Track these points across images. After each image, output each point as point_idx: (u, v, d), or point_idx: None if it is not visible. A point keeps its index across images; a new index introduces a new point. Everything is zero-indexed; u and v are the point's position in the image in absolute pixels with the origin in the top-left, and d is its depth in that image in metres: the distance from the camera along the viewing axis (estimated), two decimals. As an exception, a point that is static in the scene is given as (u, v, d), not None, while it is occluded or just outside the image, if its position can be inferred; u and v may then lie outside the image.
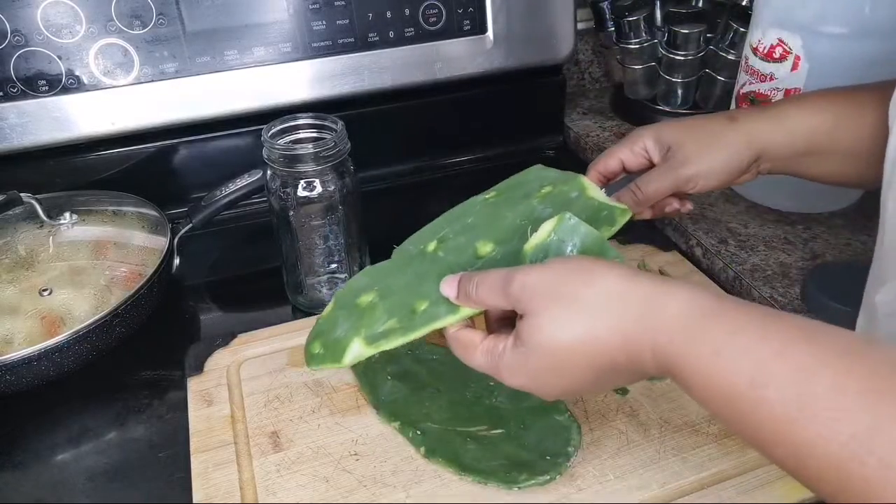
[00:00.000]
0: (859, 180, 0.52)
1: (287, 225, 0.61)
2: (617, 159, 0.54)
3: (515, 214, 0.46)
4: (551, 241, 0.41)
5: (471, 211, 0.49)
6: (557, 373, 0.38)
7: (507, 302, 0.39)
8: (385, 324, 0.44)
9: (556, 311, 0.36)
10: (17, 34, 0.66)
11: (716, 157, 0.51)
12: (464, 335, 0.42)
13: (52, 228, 0.63)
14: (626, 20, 0.87)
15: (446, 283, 0.42)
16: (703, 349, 0.33)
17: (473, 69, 0.82)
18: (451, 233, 0.48)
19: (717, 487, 0.46)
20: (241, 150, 0.79)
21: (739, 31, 0.80)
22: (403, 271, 0.47)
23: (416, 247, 0.49)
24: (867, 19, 0.60)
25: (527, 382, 0.39)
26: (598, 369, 0.37)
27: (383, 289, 0.46)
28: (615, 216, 0.45)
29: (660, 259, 0.67)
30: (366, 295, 0.46)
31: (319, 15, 0.74)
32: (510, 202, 0.48)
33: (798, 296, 0.61)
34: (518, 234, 0.45)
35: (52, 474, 0.52)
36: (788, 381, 0.30)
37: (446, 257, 0.46)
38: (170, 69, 0.72)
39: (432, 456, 0.48)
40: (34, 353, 0.52)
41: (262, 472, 0.48)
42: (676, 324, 0.34)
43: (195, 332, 0.66)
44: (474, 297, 0.40)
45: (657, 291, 0.35)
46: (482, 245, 0.45)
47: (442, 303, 0.42)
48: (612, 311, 0.36)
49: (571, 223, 0.41)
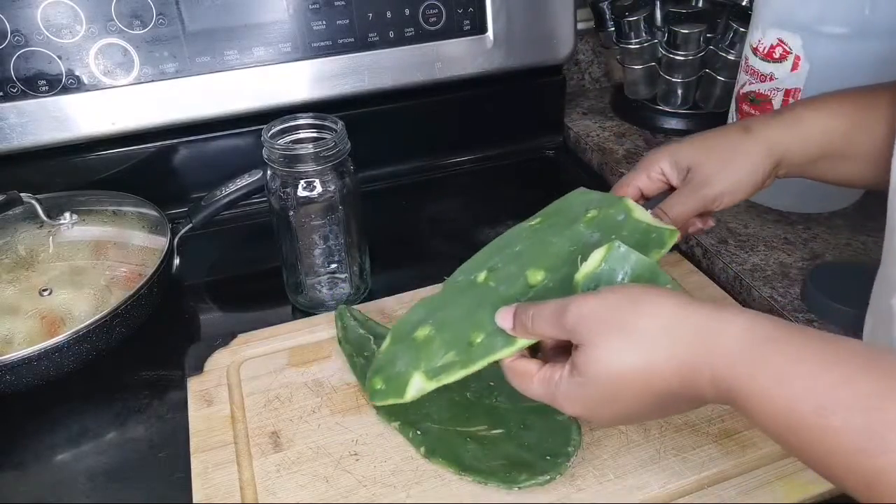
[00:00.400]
0: (877, 182, 0.51)
1: (287, 225, 0.61)
2: (635, 187, 0.53)
3: (563, 241, 0.46)
4: (602, 271, 0.41)
5: (517, 239, 0.49)
6: (614, 401, 0.38)
7: (563, 333, 0.39)
8: (443, 357, 0.45)
9: (612, 340, 0.37)
10: (17, 34, 0.66)
11: (738, 172, 0.50)
12: (520, 365, 0.42)
13: (52, 228, 0.63)
14: (626, 20, 0.87)
15: (501, 316, 0.42)
16: (765, 376, 0.33)
17: (473, 69, 0.82)
18: (500, 262, 0.48)
19: (717, 487, 0.46)
20: (241, 150, 0.79)
21: (739, 31, 0.80)
22: (456, 303, 0.48)
23: (467, 277, 0.49)
24: (867, 19, 0.60)
25: (584, 411, 0.40)
26: (655, 397, 0.37)
27: (438, 322, 0.47)
28: (664, 238, 0.45)
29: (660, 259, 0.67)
30: (422, 329, 0.48)
31: (319, 15, 0.74)
32: (556, 228, 0.48)
33: (798, 296, 0.61)
34: (568, 261, 0.45)
35: (52, 474, 0.52)
36: (856, 408, 0.29)
37: (498, 287, 0.46)
38: (170, 69, 0.72)
39: (432, 456, 0.48)
40: (34, 353, 0.52)
41: (262, 472, 0.48)
42: (737, 350, 0.34)
43: (195, 332, 0.66)
44: (530, 329, 0.41)
45: (715, 317, 0.35)
46: (533, 274, 0.45)
47: (498, 334, 0.43)
48: (668, 338, 0.36)
49: (622, 251, 0.41)
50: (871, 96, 0.50)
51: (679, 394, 0.36)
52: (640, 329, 0.36)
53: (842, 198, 0.72)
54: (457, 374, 0.44)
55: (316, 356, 0.57)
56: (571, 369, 0.39)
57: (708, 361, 0.34)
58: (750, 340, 0.34)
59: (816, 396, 0.31)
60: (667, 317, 0.36)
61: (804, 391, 0.31)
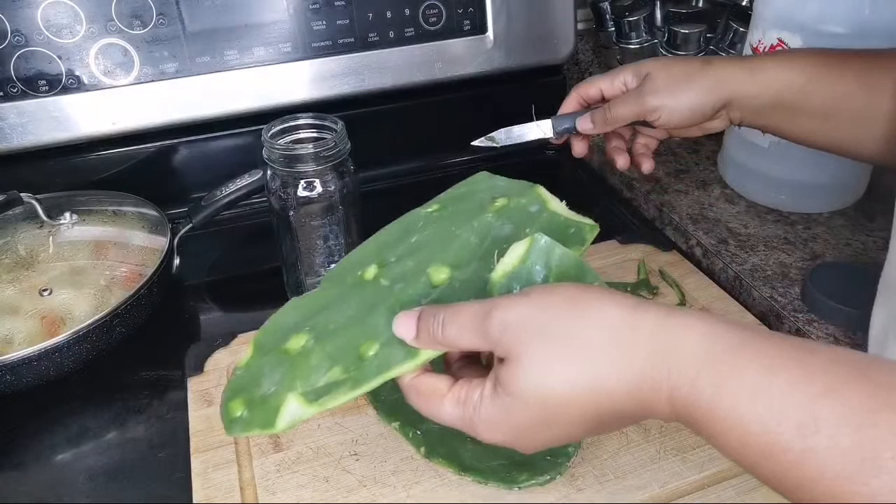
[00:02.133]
0: (830, 143, 0.52)
1: (287, 225, 0.61)
2: (597, 88, 0.57)
3: (469, 232, 0.41)
4: (522, 269, 0.36)
5: (413, 228, 0.43)
6: (549, 425, 0.32)
7: (484, 342, 0.33)
8: (326, 375, 0.36)
9: (547, 352, 0.31)
10: (17, 34, 0.66)
11: (683, 94, 0.52)
12: (425, 382, 0.35)
13: (52, 228, 0.63)
14: (626, 20, 0.87)
15: (401, 322, 0.35)
16: (734, 390, 0.28)
17: (473, 69, 0.82)
18: (392, 255, 0.41)
19: (717, 487, 0.46)
20: (241, 150, 0.79)
21: (739, 31, 0.79)
22: (340, 305, 0.40)
23: (352, 273, 0.42)
24: (867, 19, 0.60)
25: (510, 438, 0.33)
26: (599, 419, 0.32)
27: (318, 329, 0.39)
28: (584, 233, 0.40)
29: (660, 259, 0.67)
30: (296, 337, 0.39)
31: (319, 15, 0.74)
32: (459, 217, 0.42)
33: (798, 296, 0.61)
34: (476, 255, 0.39)
35: (52, 474, 0.52)
36: (844, 425, 0.25)
37: (392, 286, 0.39)
38: (170, 69, 0.72)
39: (432, 456, 0.48)
40: (34, 353, 0.52)
41: (262, 472, 0.48)
42: (698, 362, 0.29)
43: (195, 332, 0.66)
44: (440, 339, 0.34)
45: (667, 323, 0.30)
46: (435, 271, 0.39)
47: (396, 344, 0.35)
48: (617, 350, 0.30)
49: (544, 245, 0.36)
50: (842, 58, 0.51)
51: (628, 413, 0.31)
52: (580, 338, 0.31)
53: (842, 198, 0.72)
54: (345, 397, 0.35)
55: (316, 356, 0.57)
56: (494, 387, 0.33)
57: (665, 377, 0.29)
58: (711, 348, 0.29)
59: (797, 413, 0.26)
60: (614, 324, 0.31)
61: (782, 407, 0.26)
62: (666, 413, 0.30)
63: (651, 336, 0.30)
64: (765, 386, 0.27)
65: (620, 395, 0.30)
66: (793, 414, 0.26)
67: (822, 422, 0.25)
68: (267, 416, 0.36)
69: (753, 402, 0.27)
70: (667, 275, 0.64)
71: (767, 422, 0.27)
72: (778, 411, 0.27)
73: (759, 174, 0.72)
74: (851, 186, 0.72)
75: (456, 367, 0.38)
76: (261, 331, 0.42)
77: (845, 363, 0.27)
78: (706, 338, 0.29)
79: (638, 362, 0.30)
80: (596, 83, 0.57)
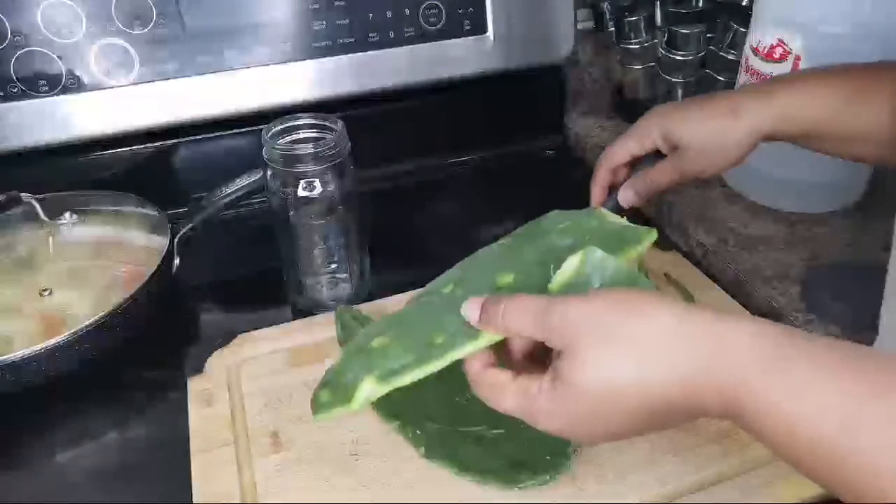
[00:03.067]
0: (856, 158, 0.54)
1: (287, 225, 0.61)
2: (626, 153, 0.58)
3: (534, 249, 0.44)
4: (578, 280, 0.38)
5: (487, 254, 0.48)
6: (604, 417, 0.34)
7: (541, 331, 0.35)
8: (400, 360, 0.41)
9: (605, 348, 0.33)
10: (17, 34, 0.66)
11: (721, 154, 0.53)
12: (491, 375, 0.38)
13: (52, 228, 0.63)
14: (626, 20, 0.87)
15: (469, 306, 0.39)
16: (783, 388, 0.29)
17: (473, 69, 0.82)
18: (468, 274, 0.46)
19: (717, 487, 0.46)
20: (241, 150, 0.79)
21: (739, 31, 0.79)
22: (420, 314, 0.45)
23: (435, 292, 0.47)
24: (867, 19, 0.60)
25: (567, 427, 0.36)
26: (651, 413, 0.33)
27: (399, 331, 0.44)
28: (641, 235, 0.44)
29: (660, 259, 0.67)
30: (379, 339, 0.44)
31: (319, 15, 0.74)
32: (528, 240, 0.46)
33: (798, 296, 0.61)
34: (538, 267, 0.42)
35: (52, 474, 0.52)
36: (887, 426, 0.26)
37: (465, 295, 0.42)
38: (170, 69, 0.72)
39: (432, 456, 0.48)
40: (34, 353, 0.52)
41: (262, 472, 0.48)
42: (749, 362, 0.31)
43: (195, 332, 0.66)
44: (500, 322, 0.37)
45: (718, 327, 0.32)
46: (501, 277, 0.43)
47: (461, 333, 0.39)
48: (668, 346, 0.32)
49: (598, 256, 0.38)
50: (870, 78, 0.51)
51: (678, 409, 0.33)
52: (635, 336, 0.33)
53: (842, 198, 0.72)
54: (412, 374, 0.40)
55: (316, 356, 0.57)
56: (553, 379, 0.35)
57: (716, 374, 0.31)
58: (761, 348, 0.31)
59: (842, 411, 0.27)
60: (665, 322, 0.33)
61: (829, 406, 0.28)
62: (717, 408, 0.32)
63: (703, 335, 0.32)
64: (811, 385, 0.29)
65: (671, 388, 0.32)
66: (838, 411, 0.27)
67: (867, 420, 0.27)
68: (345, 395, 0.42)
69: (800, 399, 0.29)
70: (668, 275, 0.64)
71: (812, 419, 0.28)
72: (823, 410, 0.28)
73: (759, 174, 0.72)
74: (851, 186, 0.72)
75: (521, 365, 0.40)
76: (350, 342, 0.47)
77: (887, 366, 0.28)
78: (756, 337, 0.31)
79: (689, 361, 0.32)
80: (624, 147, 0.58)
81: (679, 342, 0.32)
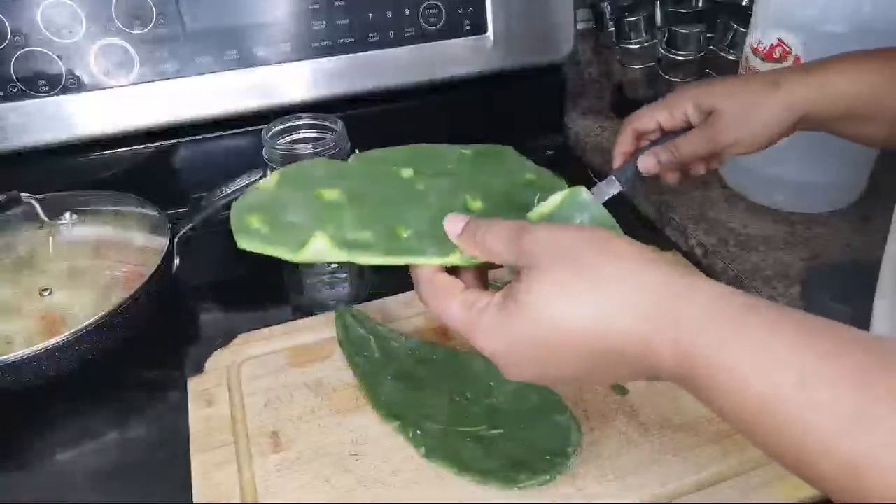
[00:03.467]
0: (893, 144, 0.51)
1: (287, 225, 0.61)
2: (655, 121, 0.55)
3: (502, 182, 0.44)
4: (558, 215, 0.38)
5: (448, 157, 0.46)
6: (545, 350, 0.33)
7: (513, 254, 0.34)
8: (357, 233, 0.39)
9: (569, 277, 0.32)
10: (17, 34, 0.66)
11: (758, 124, 0.51)
12: (442, 279, 0.37)
13: (52, 228, 0.63)
14: (626, 20, 0.87)
15: (451, 219, 0.38)
16: (739, 344, 0.28)
17: (473, 69, 0.82)
18: (427, 169, 0.44)
19: (717, 487, 0.46)
20: (241, 150, 0.79)
21: (739, 31, 0.80)
22: (374, 184, 0.42)
23: (385, 165, 0.44)
24: (867, 19, 0.60)
25: (501, 351, 0.34)
26: (600, 358, 0.32)
27: (351, 192, 0.41)
28: None
29: (660, 259, 0.67)
30: (329, 190, 0.41)
31: (319, 15, 0.74)
32: (492, 167, 0.45)
33: (798, 296, 0.61)
34: (507, 200, 0.42)
35: (52, 474, 0.52)
36: (844, 382, 0.26)
37: (429, 194, 0.42)
38: (170, 69, 0.72)
39: (432, 456, 0.48)
40: (34, 353, 0.52)
41: (262, 472, 0.48)
42: (707, 316, 0.30)
43: (195, 332, 0.66)
44: (479, 242, 0.36)
45: (682, 281, 0.31)
46: (472, 200, 0.42)
47: (428, 238, 0.38)
48: (628, 287, 0.31)
49: (584, 198, 0.38)
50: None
51: (631, 359, 0.31)
52: (601, 274, 0.31)
53: (842, 198, 0.72)
54: (372, 259, 0.38)
55: (316, 356, 0.57)
56: (505, 296, 0.33)
57: (672, 326, 0.30)
58: (721, 306, 0.30)
59: (798, 367, 0.27)
60: (632, 262, 0.32)
61: (783, 361, 0.27)
62: (668, 362, 0.30)
63: (664, 284, 0.31)
64: (768, 343, 0.28)
65: (624, 331, 0.31)
66: (794, 367, 0.27)
67: (822, 377, 0.26)
68: (290, 241, 0.38)
69: (756, 356, 0.28)
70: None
71: (769, 373, 0.27)
72: (779, 365, 0.27)
73: (759, 174, 0.72)
74: (851, 186, 0.72)
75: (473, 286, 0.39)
76: (287, 168, 0.43)
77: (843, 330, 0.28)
78: (716, 297, 0.30)
79: (647, 302, 0.31)
80: (653, 115, 0.55)
81: (645, 290, 0.31)
